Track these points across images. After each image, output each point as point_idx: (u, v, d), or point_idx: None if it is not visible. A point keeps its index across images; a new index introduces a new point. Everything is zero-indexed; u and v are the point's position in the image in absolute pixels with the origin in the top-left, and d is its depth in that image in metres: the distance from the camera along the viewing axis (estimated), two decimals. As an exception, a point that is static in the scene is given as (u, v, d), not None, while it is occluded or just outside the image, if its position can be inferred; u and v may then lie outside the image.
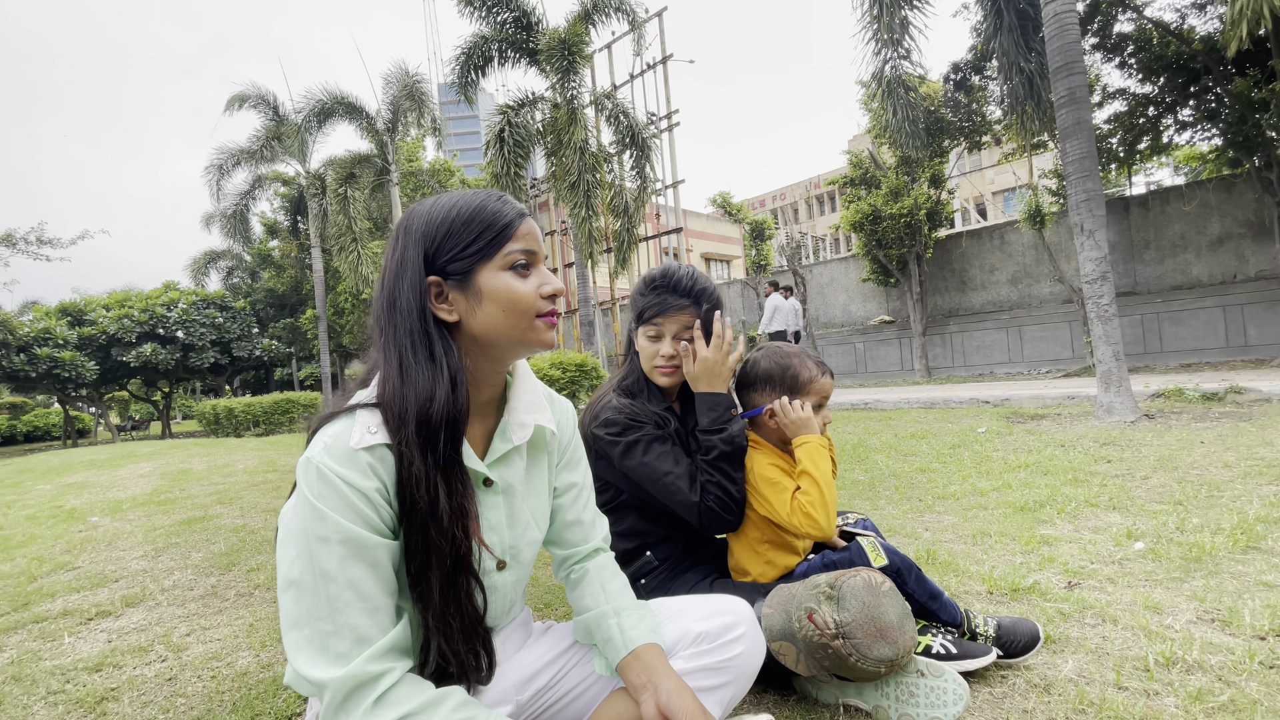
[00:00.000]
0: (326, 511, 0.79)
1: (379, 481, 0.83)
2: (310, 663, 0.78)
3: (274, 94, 17.69)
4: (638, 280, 1.64)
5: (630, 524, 1.57)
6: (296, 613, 0.80)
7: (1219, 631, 1.58)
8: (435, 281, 0.90)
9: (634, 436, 1.47)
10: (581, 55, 11.89)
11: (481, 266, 0.90)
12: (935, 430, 5.63)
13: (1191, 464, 3.49)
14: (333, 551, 0.79)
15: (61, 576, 2.97)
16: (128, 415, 37.20)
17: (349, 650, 0.78)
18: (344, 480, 0.81)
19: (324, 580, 0.79)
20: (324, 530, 0.79)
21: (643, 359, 1.58)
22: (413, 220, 0.93)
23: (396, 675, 0.80)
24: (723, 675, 1.03)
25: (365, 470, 0.82)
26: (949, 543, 2.48)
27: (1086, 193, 5.66)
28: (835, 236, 36.98)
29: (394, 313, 0.89)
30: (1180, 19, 10.05)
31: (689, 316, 1.52)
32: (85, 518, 4.39)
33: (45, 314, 19.81)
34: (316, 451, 0.83)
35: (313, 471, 0.81)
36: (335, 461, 0.81)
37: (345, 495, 0.80)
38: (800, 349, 1.64)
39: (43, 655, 2.04)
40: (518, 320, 0.91)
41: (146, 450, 9.80)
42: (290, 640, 0.81)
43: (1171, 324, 11.21)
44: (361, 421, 0.85)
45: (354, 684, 0.77)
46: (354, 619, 0.79)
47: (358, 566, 0.80)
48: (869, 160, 14.46)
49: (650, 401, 1.57)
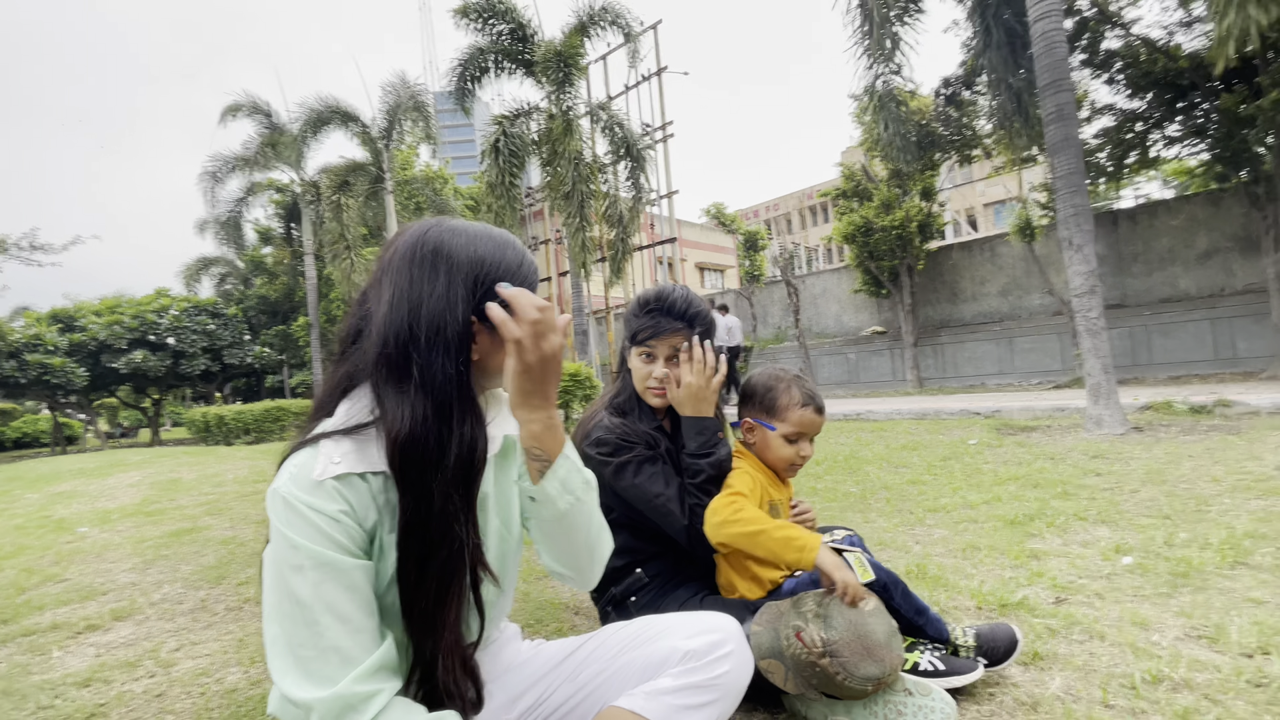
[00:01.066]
0: (296, 539, 0.80)
1: (345, 504, 0.83)
2: (297, 685, 0.78)
3: (269, 102, 17.69)
4: (633, 299, 1.65)
5: (621, 541, 1.57)
6: (280, 642, 0.80)
7: (1206, 649, 1.60)
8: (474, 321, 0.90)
9: (625, 458, 1.49)
10: (577, 67, 11.97)
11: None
12: (926, 442, 5.66)
13: (1180, 478, 3.52)
14: (306, 578, 0.79)
15: (50, 589, 2.94)
16: (117, 422, 36.89)
17: (335, 672, 0.78)
18: (309, 506, 0.81)
19: (301, 607, 0.79)
20: (296, 559, 0.80)
21: (635, 379, 1.60)
22: (454, 253, 0.90)
23: (387, 697, 0.80)
24: (710, 693, 1.03)
25: (331, 494, 0.82)
26: (939, 556, 2.49)
27: (1074, 208, 5.73)
28: (828, 247, 37.15)
29: (436, 348, 0.86)
30: (1168, 36, 10.20)
31: (682, 339, 1.54)
32: (74, 528, 4.36)
33: (36, 320, 19.65)
34: (282, 482, 0.83)
35: (279, 501, 0.82)
36: (300, 489, 0.82)
37: (313, 521, 0.80)
38: (799, 375, 1.63)
39: (31, 669, 2.02)
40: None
41: (136, 459, 9.71)
42: (276, 668, 0.80)
43: (1160, 336, 11.32)
44: (325, 452, 0.85)
45: (343, 705, 0.77)
46: (337, 641, 0.79)
47: (334, 590, 0.80)
48: (861, 173, 14.58)
49: (642, 419, 1.58)
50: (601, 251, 14.09)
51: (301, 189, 18.27)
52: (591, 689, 1.08)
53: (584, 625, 2.09)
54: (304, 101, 16.59)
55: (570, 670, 1.11)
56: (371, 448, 0.86)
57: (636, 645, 1.07)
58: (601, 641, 1.12)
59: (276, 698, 0.93)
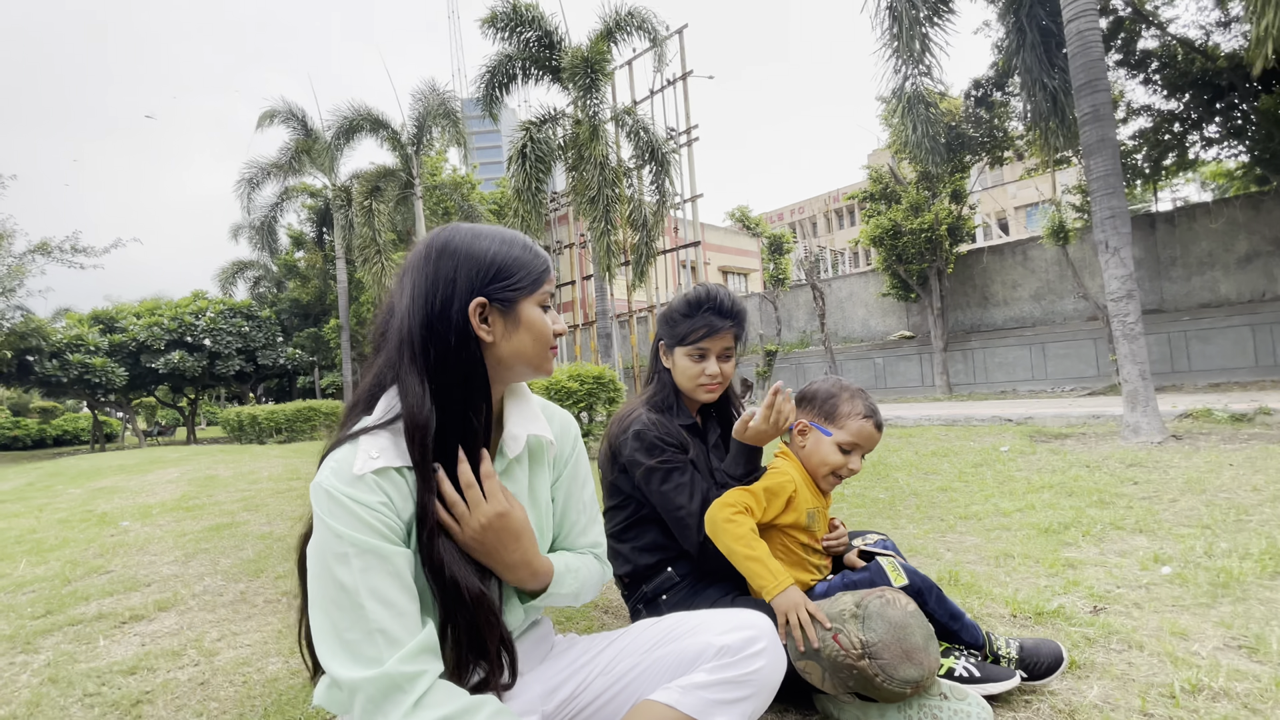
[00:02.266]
0: (340, 528, 0.85)
1: (384, 496, 0.89)
2: (344, 667, 0.82)
3: (303, 109, 18.11)
4: (675, 300, 1.69)
5: (651, 538, 1.59)
6: (327, 628, 0.85)
7: (1246, 659, 1.56)
8: (481, 303, 0.98)
9: (656, 462, 1.53)
10: (603, 72, 12.04)
11: (525, 299, 1.02)
12: (957, 448, 5.58)
13: (1220, 487, 3.43)
14: (351, 565, 0.84)
15: (95, 580, 3.05)
16: (154, 421, 37.91)
17: (380, 654, 0.82)
18: (351, 498, 0.86)
19: (346, 593, 0.84)
20: (340, 547, 0.85)
21: (684, 377, 1.64)
22: (456, 246, 0.99)
23: (431, 679, 0.84)
24: (744, 689, 1.04)
25: (371, 487, 0.88)
26: (971, 564, 2.46)
27: (1111, 210, 5.62)
28: (854, 251, 36.81)
29: (431, 333, 0.95)
30: (1205, 36, 9.95)
31: (730, 337, 1.63)
32: (117, 522, 4.50)
33: (78, 321, 20.32)
34: (325, 476, 0.89)
35: (322, 494, 0.87)
36: (341, 483, 0.87)
37: (354, 511, 0.86)
38: (863, 390, 1.65)
39: (78, 658, 2.10)
40: (540, 349, 1.04)
41: (174, 456, 9.99)
42: (323, 653, 0.85)
43: (1199, 343, 11.01)
44: (364, 448, 0.91)
45: (389, 684, 0.81)
46: (381, 624, 0.83)
47: (377, 575, 0.85)
48: (889, 175, 14.43)
49: (679, 416, 1.64)
50: (625, 255, 14.14)
51: (333, 194, 18.63)
52: (626, 682, 1.10)
53: (613, 623, 2.11)
54: (336, 109, 16.96)
55: (605, 664, 1.13)
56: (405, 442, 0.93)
57: (670, 640, 1.08)
58: (636, 636, 1.13)
59: (322, 690, 0.98)
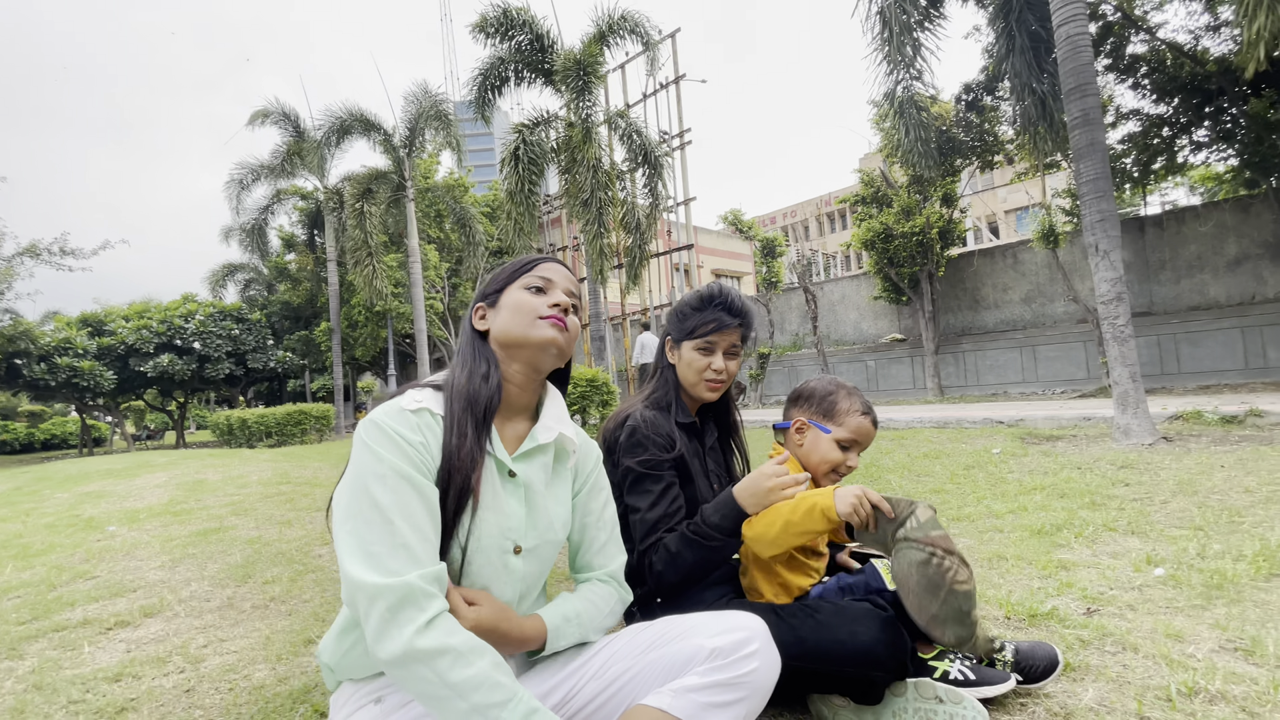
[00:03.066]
0: (382, 453, 0.96)
1: (423, 438, 1.02)
2: (367, 573, 0.88)
3: (295, 110, 18.04)
4: (684, 297, 1.71)
5: None
6: (353, 540, 0.92)
7: (1242, 661, 1.56)
8: (481, 306, 1.21)
9: (634, 462, 1.50)
10: (596, 75, 12.06)
11: (508, 288, 1.19)
12: (949, 450, 5.59)
13: (1212, 488, 3.45)
14: (387, 484, 0.94)
15: (81, 585, 3.00)
16: (143, 425, 37.60)
17: (402, 567, 0.89)
18: (396, 431, 0.99)
19: (379, 509, 0.92)
20: (380, 468, 0.95)
21: (689, 370, 1.63)
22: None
23: (443, 605, 0.91)
24: (737, 691, 1.03)
25: (414, 427, 1.01)
26: (965, 566, 2.46)
27: (1101, 213, 5.65)
28: (846, 254, 36.95)
29: (461, 332, 1.23)
30: (1194, 40, 10.05)
31: (737, 335, 1.64)
32: (103, 527, 4.44)
33: (66, 324, 20.12)
34: (376, 412, 1.03)
35: (371, 425, 1.00)
36: (389, 418, 1.01)
37: (398, 442, 0.98)
38: (857, 388, 1.66)
39: (63, 664, 2.06)
40: (521, 319, 1.13)
41: (162, 460, 9.89)
42: (347, 561, 0.91)
43: (1189, 345, 11.09)
44: (410, 395, 1.07)
45: (408, 594, 0.87)
46: (408, 540, 0.91)
47: (410, 498, 0.95)
48: (880, 179, 14.49)
49: (678, 414, 1.62)
50: (619, 258, 14.14)
51: (325, 196, 18.55)
52: (619, 687, 1.08)
53: (605, 629, 2.09)
54: (328, 110, 16.86)
55: (597, 668, 1.12)
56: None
57: (663, 643, 1.07)
58: (628, 640, 1.12)
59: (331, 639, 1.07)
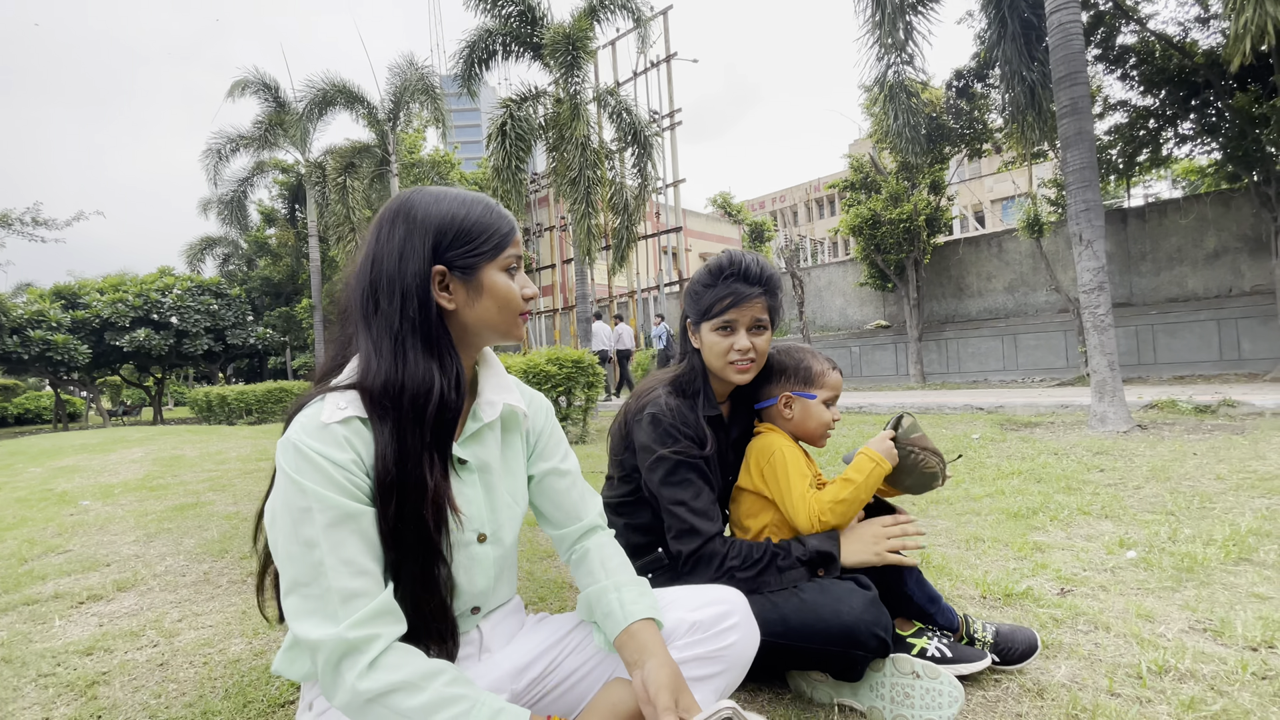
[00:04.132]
0: (305, 483, 0.83)
1: (353, 453, 0.87)
2: (305, 625, 0.81)
3: (275, 80, 17.61)
4: (698, 271, 1.55)
5: (647, 519, 1.53)
6: (287, 583, 0.84)
7: (1211, 641, 1.59)
8: (440, 271, 0.96)
9: (666, 452, 1.41)
10: (586, 51, 11.87)
11: (487, 265, 0.99)
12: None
13: (1184, 475, 3.51)
14: (314, 520, 0.82)
15: (52, 559, 2.95)
16: (119, 400, 37.00)
17: (337, 611, 0.81)
18: (319, 454, 0.85)
19: (308, 548, 0.82)
20: (304, 501, 0.83)
21: (713, 355, 1.48)
22: (414, 209, 0.96)
23: (387, 640, 0.83)
24: (717, 664, 1.04)
25: (340, 443, 0.87)
26: (942, 547, 2.49)
27: (1086, 203, 5.69)
28: (834, 240, 37.01)
29: (391, 296, 0.93)
30: (1183, 33, 10.08)
31: (760, 306, 1.46)
32: (76, 501, 4.37)
33: (39, 296, 19.68)
34: (294, 431, 0.87)
35: (290, 449, 0.85)
36: (310, 438, 0.86)
37: (322, 467, 0.84)
38: (805, 345, 1.66)
39: (33, 638, 2.03)
40: (507, 315, 1.01)
41: (138, 436, 9.75)
42: (286, 607, 0.84)
43: (1166, 336, 11.27)
44: (331, 401, 0.90)
45: (346, 646, 0.80)
46: (339, 582, 0.82)
47: (339, 532, 0.83)
48: (870, 165, 14.48)
49: (705, 406, 1.50)
50: (606, 239, 14.05)
51: (306, 170, 18.19)
52: (599, 660, 1.08)
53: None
54: (311, 81, 16.48)
55: (577, 641, 1.11)
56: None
57: None
58: None
59: (281, 656, 0.96)
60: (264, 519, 0.91)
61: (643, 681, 0.92)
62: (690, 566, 1.41)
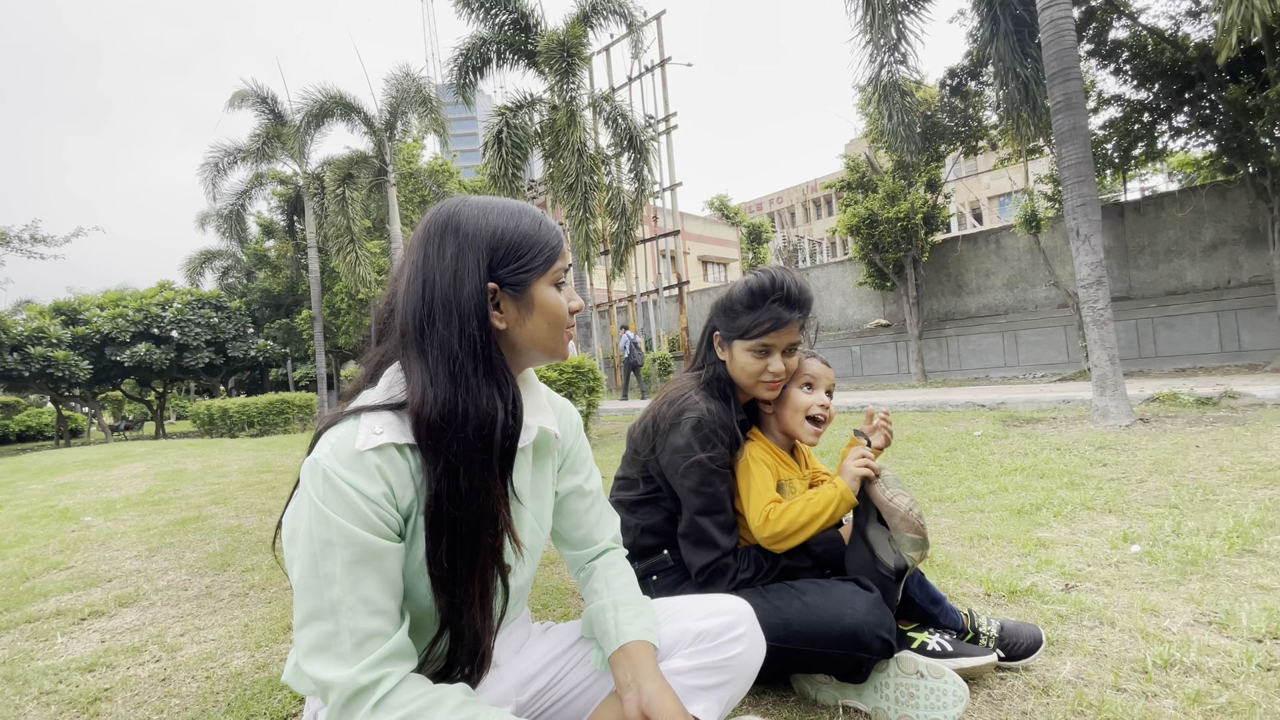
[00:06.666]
0: (331, 515, 0.79)
1: (385, 485, 0.82)
2: (316, 663, 0.78)
3: (273, 93, 17.65)
4: (735, 287, 1.54)
5: (658, 522, 1.52)
6: (302, 614, 0.80)
7: (1216, 634, 1.59)
8: (492, 288, 0.91)
9: (704, 458, 1.42)
10: (580, 57, 11.89)
11: (537, 280, 0.94)
12: (931, 433, 5.64)
13: (1187, 468, 3.50)
14: (336, 555, 0.79)
15: (54, 576, 2.95)
16: (121, 415, 37.01)
17: (350, 653, 0.78)
18: (349, 484, 0.80)
19: (327, 583, 0.79)
20: (328, 534, 0.79)
21: (743, 374, 1.50)
22: (462, 223, 0.91)
23: (396, 679, 0.80)
24: (723, 674, 1.02)
25: (372, 474, 0.82)
26: (946, 545, 2.48)
27: (1082, 198, 5.69)
28: (832, 240, 37.03)
29: (448, 319, 0.87)
30: (1175, 26, 10.10)
31: (797, 329, 1.47)
32: (78, 517, 4.37)
33: (39, 313, 19.69)
34: (323, 454, 0.82)
35: (319, 475, 0.81)
36: (341, 465, 0.81)
37: (350, 499, 0.80)
38: None
39: (35, 655, 2.02)
40: (556, 332, 0.96)
41: (140, 450, 9.75)
42: (298, 639, 0.81)
43: (1166, 329, 11.26)
44: (366, 424, 0.84)
45: (355, 689, 0.77)
46: (356, 622, 0.78)
47: (361, 569, 0.80)
48: (866, 164, 14.49)
49: (734, 410, 1.52)
50: (604, 244, 14.05)
51: (304, 181, 18.21)
52: (601, 674, 1.07)
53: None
54: (307, 93, 16.48)
55: (581, 655, 1.11)
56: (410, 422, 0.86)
57: None
58: None
59: (291, 668, 0.94)
60: (283, 531, 0.88)
61: (638, 706, 0.91)
62: (706, 578, 1.43)
